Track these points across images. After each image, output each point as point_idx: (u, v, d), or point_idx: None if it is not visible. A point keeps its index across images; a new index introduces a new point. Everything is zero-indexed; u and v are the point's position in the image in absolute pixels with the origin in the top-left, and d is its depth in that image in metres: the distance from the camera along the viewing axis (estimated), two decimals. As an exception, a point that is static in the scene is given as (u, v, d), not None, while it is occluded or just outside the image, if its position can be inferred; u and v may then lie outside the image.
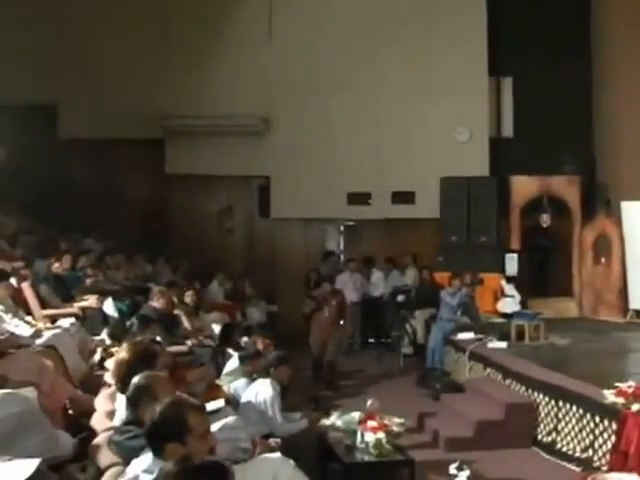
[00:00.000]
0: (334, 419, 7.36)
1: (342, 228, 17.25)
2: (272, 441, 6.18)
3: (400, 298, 14.68)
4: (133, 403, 4.25)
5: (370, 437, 6.67)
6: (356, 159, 16.33)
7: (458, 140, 16.41)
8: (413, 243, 15.92)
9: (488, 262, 14.88)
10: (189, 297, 11.27)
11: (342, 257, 16.95)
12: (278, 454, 5.09)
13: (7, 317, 7.23)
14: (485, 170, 16.29)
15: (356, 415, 7.14)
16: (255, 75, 16.34)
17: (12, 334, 6.23)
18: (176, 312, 10.06)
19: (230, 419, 5.52)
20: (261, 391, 7.25)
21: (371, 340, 15.65)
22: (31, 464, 3.71)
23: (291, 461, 4.89)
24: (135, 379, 4.29)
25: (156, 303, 9.38)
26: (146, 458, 3.62)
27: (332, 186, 16.28)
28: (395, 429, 6.88)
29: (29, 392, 5.01)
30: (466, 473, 6.49)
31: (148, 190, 16.68)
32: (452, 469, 6.57)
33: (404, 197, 16.48)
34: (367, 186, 16.51)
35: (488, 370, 10.21)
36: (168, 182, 16.67)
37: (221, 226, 16.88)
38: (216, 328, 10.73)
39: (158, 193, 16.71)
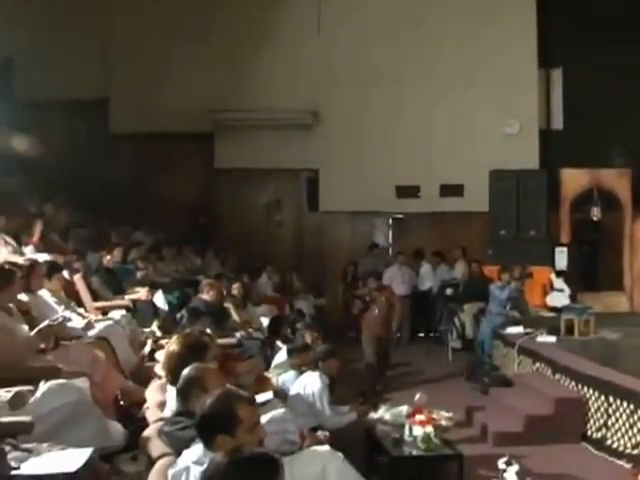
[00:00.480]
0: (382, 412, 7.36)
1: (390, 221, 17.20)
2: (320, 434, 6.20)
3: (449, 292, 14.62)
4: (183, 395, 4.30)
5: (418, 431, 6.66)
6: (405, 152, 16.29)
7: (507, 132, 16.28)
8: (462, 236, 15.80)
9: (537, 256, 14.72)
10: (237, 290, 11.34)
11: (390, 250, 16.92)
12: (327, 447, 5.10)
13: (60, 309, 7.33)
14: (535, 163, 16.14)
15: (404, 409, 7.14)
16: (304, 68, 16.37)
17: (65, 325, 6.32)
18: (225, 305, 10.14)
19: (279, 411, 5.55)
20: (309, 384, 7.27)
21: (419, 334, 15.59)
22: (84, 453, 3.80)
23: (340, 454, 4.91)
24: (185, 371, 4.34)
25: (206, 295, 9.46)
26: (196, 449, 3.66)
27: (381, 179, 16.25)
28: (443, 423, 6.87)
29: (82, 383, 5.11)
30: (515, 468, 6.45)
31: (197, 184, 16.78)
32: (501, 464, 6.53)
33: (453, 190, 16.40)
34: (416, 179, 16.46)
35: (537, 364, 10.12)
36: (217, 176, 16.79)
37: (270, 219, 16.94)
38: (264, 321, 10.79)
39: (207, 187, 16.82)
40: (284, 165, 16.56)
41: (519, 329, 11.38)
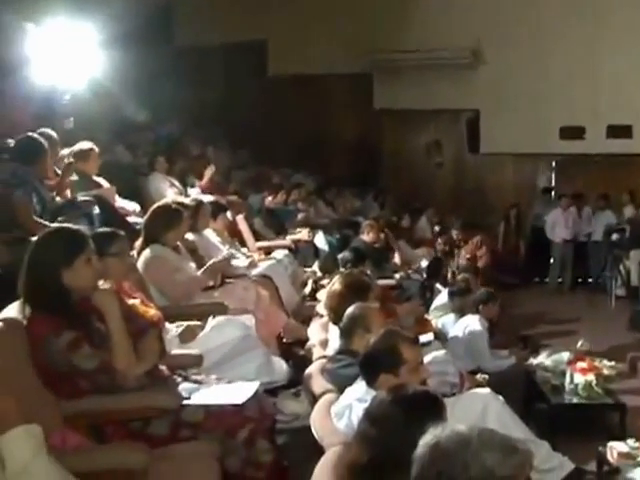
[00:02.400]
0: (542, 358, 7.24)
1: (554, 163, 16.68)
2: (479, 377, 6.18)
3: (614, 237, 14.08)
4: (346, 333, 4.35)
5: (579, 379, 6.48)
6: (569, 91, 15.62)
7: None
8: (629, 180, 15.13)
9: None
10: (396, 231, 11.35)
11: (553, 194, 16.45)
12: (487, 389, 5.07)
13: (224, 249, 7.53)
14: None
15: (565, 355, 6.98)
16: (465, 7, 15.93)
17: (230, 264, 6.49)
18: (385, 246, 10.17)
19: (439, 353, 5.55)
20: (469, 327, 7.24)
21: (581, 280, 15.17)
22: (251, 386, 3.91)
23: (500, 397, 4.86)
24: (349, 310, 4.39)
25: (366, 237, 9.54)
26: (359, 387, 3.70)
27: (544, 120, 15.70)
28: (606, 372, 6.66)
29: (247, 319, 5.25)
30: (681, 419, 6.23)
31: (356, 125, 16.77)
32: (666, 415, 6.32)
33: (620, 131, 15.65)
34: (581, 120, 15.79)
35: None
36: (376, 117, 16.71)
37: (430, 161, 16.79)
38: (424, 263, 10.77)
39: (366, 128, 16.78)
40: (444, 106, 16.28)
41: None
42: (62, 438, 3.31)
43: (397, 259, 10.19)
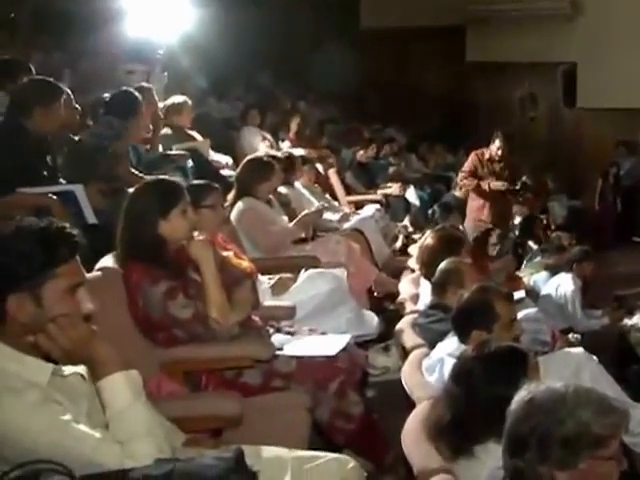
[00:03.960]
0: (637, 319, 7.07)
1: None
2: (571, 336, 6.09)
3: None
4: (439, 288, 4.33)
5: (676, 340, 6.34)
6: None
7: None
8: None
9: None
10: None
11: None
12: (580, 349, 4.98)
13: (316, 202, 7.56)
14: None
15: (662, 317, 6.82)
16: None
17: (322, 217, 6.53)
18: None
19: (531, 310, 5.47)
20: (562, 285, 7.13)
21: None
22: (343, 339, 3.94)
23: (594, 357, 4.78)
24: (442, 265, 4.36)
25: (457, 192, 9.44)
26: (451, 342, 3.69)
27: (645, 74, 15.23)
28: None
29: (339, 272, 5.28)
30: None
31: (449, 79, 16.51)
32: None
33: None
34: (684, 74, 15.27)
35: None
36: (469, 70, 16.42)
37: (523, 115, 16.45)
38: (516, 220, 10.61)
39: (459, 82, 16.52)
40: (539, 58, 15.83)
41: None
42: (157, 385, 3.39)
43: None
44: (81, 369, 2.41)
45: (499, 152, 9.34)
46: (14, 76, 5.75)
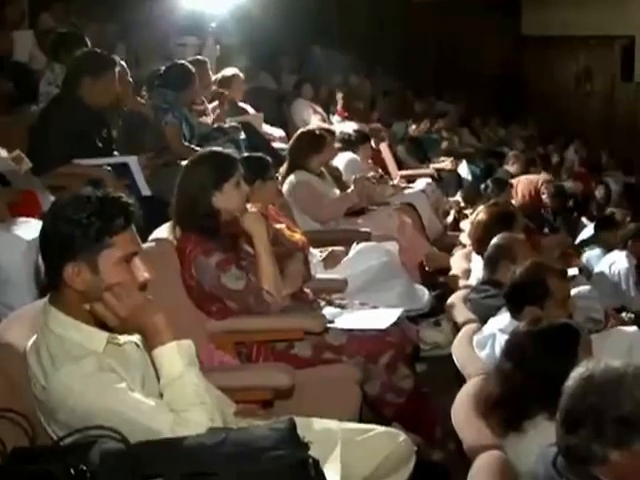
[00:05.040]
0: (693, 298, 6.98)
1: None
2: (625, 315, 6.01)
3: None
4: (491, 263, 4.29)
5: None
6: None
7: None
8: None
9: None
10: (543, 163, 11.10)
11: None
12: (634, 328, 4.92)
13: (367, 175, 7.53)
14: None
15: None
16: None
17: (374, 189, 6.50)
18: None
19: (584, 288, 5.41)
20: (616, 263, 7.04)
21: None
22: (394, 313, 3.93)
23: (648, 336, 4.72)
24: (494, 240, 4.32)
25: (510, 167, 9.39)
26: (503, 318, 3.66)
27: None
28: None
29: (391, 246, 5.27)
30: None
31: (503, 52, 16.32)
32: None
33: None
34: None
35: None
36: (524, 44, 16.24)
37: (579, 90, 16.22)
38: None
39: (513, 55, 16.34)
40: (596, 32, 15.61)
41: None
42: (209, 355, 3.42)
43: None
44: (136, 338, 2.44)
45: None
46: (70, 48, 5.80)
